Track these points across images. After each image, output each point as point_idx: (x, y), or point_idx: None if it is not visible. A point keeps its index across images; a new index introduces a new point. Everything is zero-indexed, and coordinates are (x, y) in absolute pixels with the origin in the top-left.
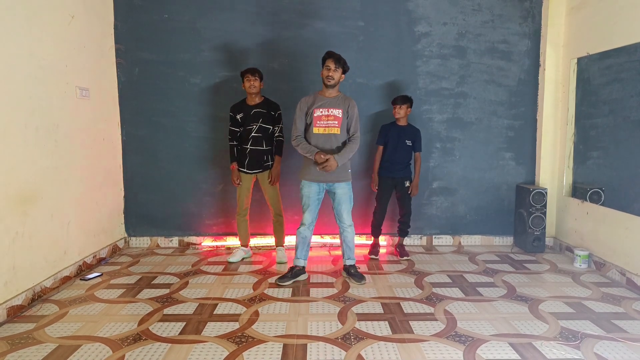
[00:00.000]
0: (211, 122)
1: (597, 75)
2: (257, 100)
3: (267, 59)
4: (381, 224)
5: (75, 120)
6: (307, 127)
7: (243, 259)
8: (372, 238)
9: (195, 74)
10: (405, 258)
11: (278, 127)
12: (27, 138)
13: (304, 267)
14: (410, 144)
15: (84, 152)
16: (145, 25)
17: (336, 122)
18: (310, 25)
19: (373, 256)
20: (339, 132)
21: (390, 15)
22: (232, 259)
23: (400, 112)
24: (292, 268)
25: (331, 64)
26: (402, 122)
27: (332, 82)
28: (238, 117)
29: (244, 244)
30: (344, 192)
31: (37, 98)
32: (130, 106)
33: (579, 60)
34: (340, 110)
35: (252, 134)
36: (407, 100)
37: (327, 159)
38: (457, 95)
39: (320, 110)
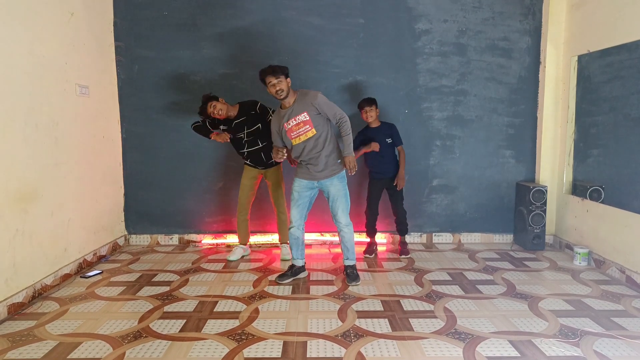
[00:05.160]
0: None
1: (597, 72)
2: (232, 113)
3: (267, 56)
4: (374, 224)
5: (75, 117)
6: (287, 141)
7: (242, 257)
8: (369, 238)
9: (195, 71)
10: (404, 257)
11: (269, 116)
12: (27, 135)
13: (303, 266)
14: (391, 141)
15: (84, 149)
16: (145, 22)
17: (307, 126)
18: (310, 22)
19: (367, 255)
20: (315, 132)
21: (390, 13)
22: (232, 257)
23: (372, 114)
24: (291, 266)
25: (272, 79)
26: (375, 124)
27: (283, 94)
28: (221, 127)
29: (243, 242)
30: (337, 189)
31: (37, 95)
32: (130, 103)
33: (580, 57)
34: (305, 113)
35: (245, 140)
36: (373, 102)
37: (281, 152)
38: (458, 93)
39: (288, 123)
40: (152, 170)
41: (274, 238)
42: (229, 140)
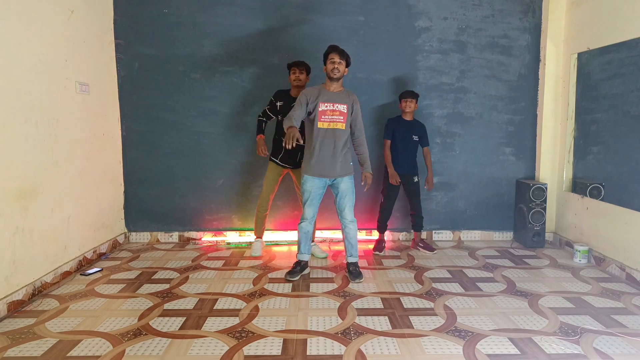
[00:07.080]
0: (211, 116)
1: (597, 70)
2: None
3: (267, 53)
4: (388, 220)
5: (75, 115)
6: (311, 120)
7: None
8: (378, 234)
9: (195, 68)
10: (431, 252)
11: None
12: (27, 133)
13: (307, 262)
14: (417, 139)
15: (84, 147)
16: (145, 20)
17: (341, 118)
18: (311, 19)
19: (377, 252)
20: (343, 128)
21: (390, 10)
22: (255, 252)
23: (411, 105)
24: (298, 262)
25: (335, 57)
26: (409, 117)
27: (338, 74)
28: (278, 104)
29: (259, 235)
30: (347, 187)
31: (37, 93)
32: (130, 101)
33: (580, 55)
34: (345, 106)
35: None
36: (415, 95)
37: (295, 139)
38: (457, 90)
39: (326, 104)
40: (152, 168)
41: (272, 236)
42: (262, 155)
